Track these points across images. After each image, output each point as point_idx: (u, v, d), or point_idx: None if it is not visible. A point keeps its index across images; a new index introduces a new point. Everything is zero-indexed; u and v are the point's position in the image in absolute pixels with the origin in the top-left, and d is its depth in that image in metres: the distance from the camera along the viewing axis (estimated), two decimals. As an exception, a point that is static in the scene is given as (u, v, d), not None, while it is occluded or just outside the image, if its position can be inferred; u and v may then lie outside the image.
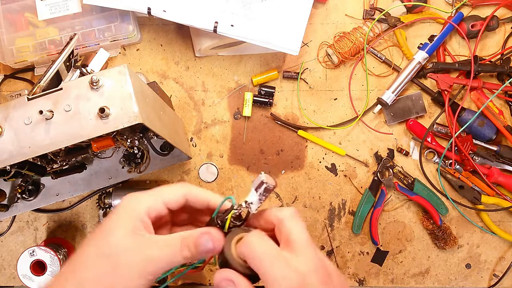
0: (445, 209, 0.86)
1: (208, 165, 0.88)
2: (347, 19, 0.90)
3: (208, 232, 0.40)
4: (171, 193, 0.43)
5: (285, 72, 0.89)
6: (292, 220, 0.40)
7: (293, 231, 0.39)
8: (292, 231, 0.39)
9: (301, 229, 0.40)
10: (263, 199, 0.40)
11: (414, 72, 0.86)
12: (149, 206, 0.41)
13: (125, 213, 0.40)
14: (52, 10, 0.82)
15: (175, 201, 0.43)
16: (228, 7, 0.78)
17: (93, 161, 0.80)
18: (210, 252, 0.39)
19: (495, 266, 0.89)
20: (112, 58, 0.88)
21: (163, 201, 0.42)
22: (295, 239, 0.39)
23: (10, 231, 0.87)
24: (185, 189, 0.44)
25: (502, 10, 0.89)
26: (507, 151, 0.84)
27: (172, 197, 0.43)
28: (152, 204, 0.41)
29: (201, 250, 0.39)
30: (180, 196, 0.43)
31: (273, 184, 0.40)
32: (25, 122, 0.56)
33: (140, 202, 0.41)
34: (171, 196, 0.43)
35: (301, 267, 0.37)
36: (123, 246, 0.38)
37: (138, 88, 0.58)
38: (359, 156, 0.89)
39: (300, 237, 0.39)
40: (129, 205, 0.41)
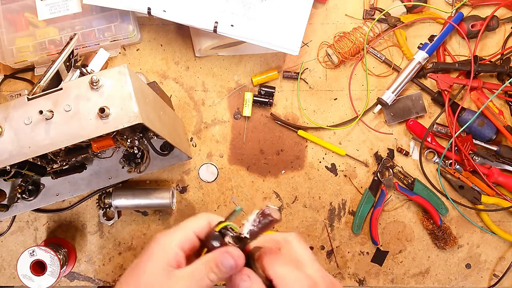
0: (445, 209, 0.86)
1: (208, 165, 0.88)
2: (347, 19, 0.90)
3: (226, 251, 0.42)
4: (196, 222, 0.45)
5: (285, 72, 0.89)
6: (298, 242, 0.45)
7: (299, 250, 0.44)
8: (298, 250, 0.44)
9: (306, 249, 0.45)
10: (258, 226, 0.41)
11: (414, 72, 0.86)
12: (181, 239, 0.44)
13: (156, 254, 0.43)
14: (52, 10, 0.82)
15: (202, 228, 0.45)
16: (228, 7, 0.78)
17: (93, 161, 0.80)
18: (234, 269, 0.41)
19: (495, 266, 0.89)
20: (112, 58, 0.88)
21: (193, 231, 0.44)
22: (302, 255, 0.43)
23: (10, 231, 0.87)
24: (206, 216, 0.47)
25: (502, 10, 0.89)
26: (507, 151, 0.84)
27: (199, 225, 0.45)
28: (184, 236, 0.44)
29: (224, 270, 0.41)
30: (205, 222, 0.46)
31: (274, 218, 0.41)
32: (25, 122, 0.56)
33: (172, 238, 0.44)
34: (198, 224, 0.45)
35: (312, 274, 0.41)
36: (155, 284, 0.41)
37: (138, 88, 0.58)
38: (359, 156, 0.89)
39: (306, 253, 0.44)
40: (161, 242, 0.44)
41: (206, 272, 0.42)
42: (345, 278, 0.88)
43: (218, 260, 0.42)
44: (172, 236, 0.44)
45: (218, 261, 0.41)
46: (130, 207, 0.83)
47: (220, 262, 0.41)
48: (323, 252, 0.88)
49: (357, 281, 0.88)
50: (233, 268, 0.42)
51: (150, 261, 0.43)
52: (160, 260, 0.42)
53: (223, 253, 0.42)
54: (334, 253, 0.89)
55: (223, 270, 0.41)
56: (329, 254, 0.88)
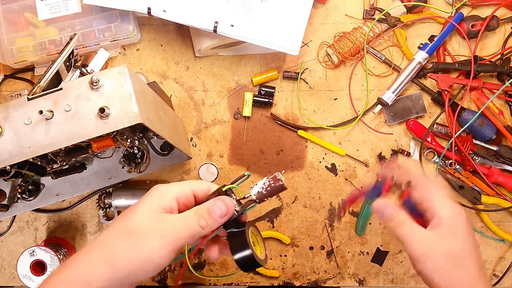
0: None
1: (208, 165, 0.88)
2: (347, 19, 0.90)
3: (219, 199, 0.44)
4: (197, 183, 0.48)
5: (285, 72, 0.89)
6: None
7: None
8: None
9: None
10: (267, 189, 0.44)
11: (415, 72, 0.86)
12: (178, 192, 0.46)
13: (152, 198, 0.45)
14: (52, 10, 0.82)
15: (201, 190, 0.47)
16: (228, 7, 0.78)
17: (93, 161, 0.80)
18: (224, 216, 0.44)
19: (495, 266, 0.89)
20: (112, 58, 0.88)
21: (191, 189, 0.47)
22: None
23: (10, 231, 0.87)
24: (208, 182, 0.50)
25: (502, 10, 0.89)
26: (507, 151, 0.84)
27: (198, 186, 0.48)
28: (181, 190, 0.46)
29: (215, 215, 0.44)
30: (205, 186, 0.48)
31: (284, 183, 0.44)
32: (25, 122, 0.56)
33: (169, 189, 0.46)
34: (197, 185, 0.48)
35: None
36: (145, 223, 0.43)
37: (138, 88, 0.58)
38: (359, 156, 0.89)
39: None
40: (158, 191, 0.46)
41: (197, 218, 0.44)
42: (345, 278, 0.88)
43: (210, 207, 0.44)
44: (171, 187, 0.46)
45: (209, 208, 0.44)
46: (130, 207, 0.83)
47: (212, 209, 0.44)
48: (323, 252, 0.88)
49: (357, 281, 0.88)
50: (223, 214, 0.44)
51: (145, 203, 0.44)
52: (154, 203, 0.44)
53: (215, 200, 0.44)
54: (334, 253, 0.89)
55: (213, 216, 0.44)
56: (329, 254, 0.88)
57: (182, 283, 0.88)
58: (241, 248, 0.45)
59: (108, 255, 0.42)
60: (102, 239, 0.44)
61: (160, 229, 0.42)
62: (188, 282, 0.88)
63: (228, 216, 0.44)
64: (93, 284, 0.41)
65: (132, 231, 0.43)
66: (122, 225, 0.44)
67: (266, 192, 0.44)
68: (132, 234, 0.42)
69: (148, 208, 0.44)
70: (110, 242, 0.43)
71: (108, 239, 0.44)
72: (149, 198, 0.45)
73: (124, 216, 0.45)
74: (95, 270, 0.42)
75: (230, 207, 0.45)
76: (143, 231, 0.42)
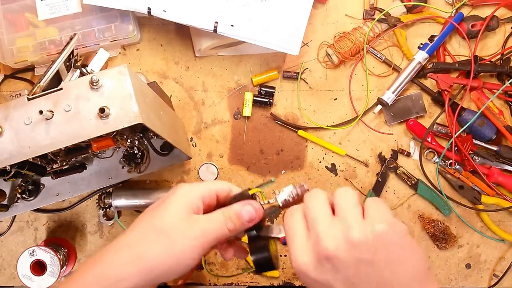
0: (448, 210, 0.86)
1: (208, 165, 0.88)
2: (347, 19, 0.90)
3: (248, 203, 0.45)
4: (220, 184, 0.49)
5: (285, 72, 0.89)
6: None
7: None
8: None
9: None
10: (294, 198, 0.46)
11: (415, 72, 0.86)
12: (204, 192, 0.46)
13: (180, 197, 0.45)
14: (52, 10, 0.82)
15: (223, 191, 0.48)
16: (228, 7, 0.78)
17: (93, 161, 0.80)
18: (252, 221, 0.45)
19: (495, 266, 0.89)
20: (112, 58, 0.88)
21: (215, 190, 0.47)
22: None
23: (10, 231, 0.87)
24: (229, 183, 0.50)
25: (502, 10, 0.89)
26: (507, 151, 0.84)
27: (221, 187, 0.48)
28: (207, 190, 0.46)
29: (244, 219, 0.44)
30: (227, 188, 0.48)
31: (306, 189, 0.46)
32: (25, 122, 0.56)
33: (195, 189, 0.46)
34: (220, 186, 0.48)
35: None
36: (176, 224, 0.43)
37: (138, 88, 0.58)
38: (359, 156, 0.89)
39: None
40: (186, 190, 0.46)
41: (225, 220, 0.44)
42: (345, 278, 0.88)
43: (239, 210, 0.45)
44: (196, 187, 0.47)
45: (239, 212, 0.44)
46: (130, 207, 0.83)
47: (241, 212, 0.44)
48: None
49: (357, 281, 0.88)
50: (252, 218, 0.45)
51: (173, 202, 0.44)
52: (182, 203, 0.44)
53: (245, 204, 0.45)
54: (334, 253, 0.88)
55: (242, 220, 0.44)
56: (329, 254, 0.88)
57: (182, 283, 0.88)
58: (261, 251, 0.47)
59: (139, 255, 0.42)
60: (132, 238, 0.43)
61: (191, 230, 0.43)
62: (188, 282, 0.88)
63: (256, 220, 0.45)
64: (124, 283, 0.41)
65: (163, 231, 0.42)
66: (153, 225, 0.43)
67: (293, 200, 0.46)
68: (164, 234, 0.42)
69: (177, 208, 0.44)
70: (140, 242, 0.43)
71: (138, 238, 0.43)
72: (177, 197, 0.45)
73: (153, 214, 0.44)
74: (125, 270, 0.41)
75: (259, 212, 0.45)
76: (174, 232, 0.42)
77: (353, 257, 0.37)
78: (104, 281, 0.41)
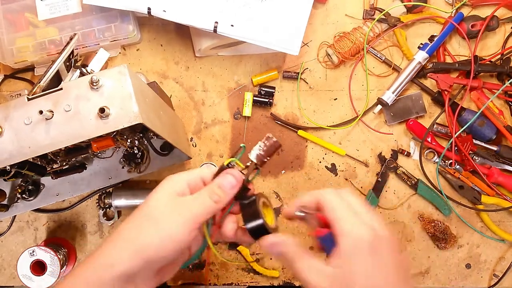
0: (448, 210, 0.86)
1: (208, 165, 0.88)
2: (347, 19, 0.90)
3: (226, 172, 0.47)
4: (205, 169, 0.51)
5: (285, 72, 0.89)
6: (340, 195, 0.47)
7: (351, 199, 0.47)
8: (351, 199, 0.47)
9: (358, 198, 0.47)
10: (264, 150, 0.48)
11: (415, 72, 0.86)
12: (188, 178, 0.48)
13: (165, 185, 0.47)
14: (52, 10, 0.82)
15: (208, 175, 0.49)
16: (228, 7, 0.78)
17: (93, 161, 0.80)
18: (234, 187, 0.47)
19: (495, 266, 0.89)
20: (112, 58, 0.88)
21: (200, 175, 0.49)
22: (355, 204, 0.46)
23: (10, 231, 0.87)
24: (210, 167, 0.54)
25: (502, 10, 0.89)
26: (507, 151, 0.84)
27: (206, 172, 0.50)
28: (190, 176, 0.48)
29: (226, 188, 0.46)
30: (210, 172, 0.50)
31: (277, 141, 0.48)
32: (25, 122, 0.56)
33: (180, 176, 0.48)
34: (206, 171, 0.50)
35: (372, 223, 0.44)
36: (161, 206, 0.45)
37: (138, 88, 0.58)
38: (359, 156, 0.89)
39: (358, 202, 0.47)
40: (169, 179, 0.48)
41: (210, 193, 0.46)
42: (345, 278, 0.88)
43: (220, 181, 0.47)
44: (181, 175, 0.49)
45: (220, 183, 0.46)
46: (130, 207, 0.83)
47: (222, 182, 0.46)
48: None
49: (357, 281, 0.88)
50: (233, 185, 0.47)
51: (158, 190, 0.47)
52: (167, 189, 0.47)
53: (223, 174, 0.47)
54: (334, 253, 0.88)
55: (224, 189, 0.46)
56: (329, 254, 0.88)
57: (182, 283, 0.88)
58: (253, 217, 0.48)
59: (129, 239, 0.44)
60: (122, 227, 0.46)
61: (177, 209, 0.45)
62: (188, 282, 0.88)
63: (238, 186, 0.47)
64: (117, 267, 0.43)
65: (150, 215, 0.45)
66: (140, 213, 0.46)
67: (264, 152, 0.48)
68: (151, 217, 0.45)
69: (162, 194, 0.46)
70: (130, 227, 0.46)
71: (128, 226, 0.46)
72: (162, 186, 0.47)
73: (140, 206, 0.47)
74: (117, 253, 0.44)
75: (238, 177, 0.47)
76: (160, 213, 0.45)
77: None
78: (99, 270, 0.43)
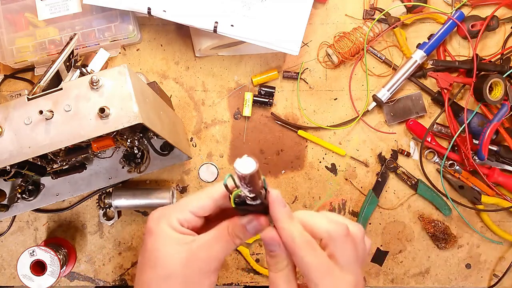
0: (448, 210, 0.86)
1: (208, 165, 0.88)
2: (347, 19, 0.90)
3: (257, 220, 0.40)
4: (195, 201, 0.42)
5: (285, 72, 0.89)
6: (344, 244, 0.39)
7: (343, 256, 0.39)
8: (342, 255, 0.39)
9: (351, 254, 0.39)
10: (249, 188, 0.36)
11: (412, 70, 0.86)
12: (178, 218, 0.41)
13: (162, 228, 0.40)
14: (52, 10, 0.82)
15: (202, 208, 0.41)
16: (228, 7, 0.78)
17: (93, 161, 0.80)
18: (258, 232, 0.40)
19: (495, 266, 0.89)
20: (112, 58, 0.88)
21: (190, 211, 0.41)
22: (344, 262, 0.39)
23: (10, 231, 0.87)
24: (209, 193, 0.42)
25: (502, 10, 0.89)
26: (507, 151, 0.84)
27: (198, 204, 0.41)
28: (180, 216, 0.41)
29: (250, 234, 0.40)
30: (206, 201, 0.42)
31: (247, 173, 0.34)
32: (25, 122, 0.56)
33: (169, 215, 0.41)
34: (197, 203, 0.42)
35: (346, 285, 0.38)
36: (178, 262, 0.39)
37: (138, 88, 0.58)
38: (359, 156, 0.89)
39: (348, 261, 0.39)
40: (160, 220, 0.41)
41: (232, 238, 0.40)
42: (345, 278, 0.88)
43: (245, 225, 0.40)
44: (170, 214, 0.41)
45: (245, 227, 0.40)
46: (130, 207, 0.83)
47: (248, 229, 0.40)
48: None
49: (357, 281, 0.88)
50: (258, 231, 0.40)
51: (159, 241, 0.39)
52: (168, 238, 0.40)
53: (251, 220, 0.40)
54: (334, 253, 0.88)
55: (248, 235, 0.40)
56: (329, 254, 0.88)
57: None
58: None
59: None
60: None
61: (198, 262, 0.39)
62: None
63: (263, 228, 0.41)
64: None
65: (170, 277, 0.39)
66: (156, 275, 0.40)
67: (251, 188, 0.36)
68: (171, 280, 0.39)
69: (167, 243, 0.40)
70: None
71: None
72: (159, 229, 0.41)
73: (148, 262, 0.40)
74: None
75: (264, 224, 0.40)
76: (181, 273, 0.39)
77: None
78: None
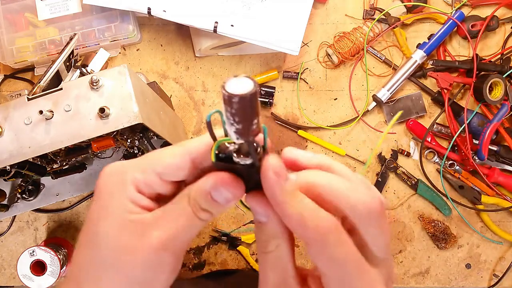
0: (448, 210, 0.86)
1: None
2: (347, 19, 0.90)
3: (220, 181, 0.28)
4: (166, 157, 0.30)
5: (285, 72, 0.89)
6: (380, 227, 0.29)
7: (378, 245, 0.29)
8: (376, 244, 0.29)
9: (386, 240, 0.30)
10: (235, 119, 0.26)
11: (412, 70, 0.86)
12: (136, 180, 0.30)
13: (111, 199, 0.29)
14: (52, 10, 0.82)
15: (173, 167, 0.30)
16: (228, 7, 0.78)
17: (93, 161, 0.80)
18: (232, 202, 0.29)
19: (495, 266, 0.89)
20: (112, 58, 0.88)
21: (155, 171, 0.30)
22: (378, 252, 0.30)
23: (10, 231, 0.87)
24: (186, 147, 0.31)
25: (502, 10, 0.89)
26: (507, 151, 0.84)
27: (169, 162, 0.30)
28: (140, 177, 0.30)
29: (219, 205, 0.29)
30: (181, 158, 0.30)
31: (241, 94, 0.23)
32: (25, 122, 0.56)
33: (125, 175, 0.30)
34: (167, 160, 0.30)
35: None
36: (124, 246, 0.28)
37: (138, 88, 0.58)
38: (359, 156, 0.89)
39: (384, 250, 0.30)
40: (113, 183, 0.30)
41: (195, 212, 0.29)
42: (345, 278, 0.88)
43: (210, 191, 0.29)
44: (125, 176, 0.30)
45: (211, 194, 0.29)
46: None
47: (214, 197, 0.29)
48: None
49: (357, 281, 0.88)
50: (230, 201, 0.29)
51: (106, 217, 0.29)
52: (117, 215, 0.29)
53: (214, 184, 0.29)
54: (334, 253, 0.88)
55: (217, 207, 0.29)
56: (329, 254, 0.88)
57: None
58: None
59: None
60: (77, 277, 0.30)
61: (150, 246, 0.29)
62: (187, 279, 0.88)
63: (236, 201, 0.30)
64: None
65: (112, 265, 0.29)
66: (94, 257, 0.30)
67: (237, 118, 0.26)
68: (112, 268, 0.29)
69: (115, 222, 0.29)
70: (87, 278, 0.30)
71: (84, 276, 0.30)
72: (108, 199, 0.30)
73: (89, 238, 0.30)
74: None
75: (238, 191, 0.29)
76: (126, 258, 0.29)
77: None
78: None
